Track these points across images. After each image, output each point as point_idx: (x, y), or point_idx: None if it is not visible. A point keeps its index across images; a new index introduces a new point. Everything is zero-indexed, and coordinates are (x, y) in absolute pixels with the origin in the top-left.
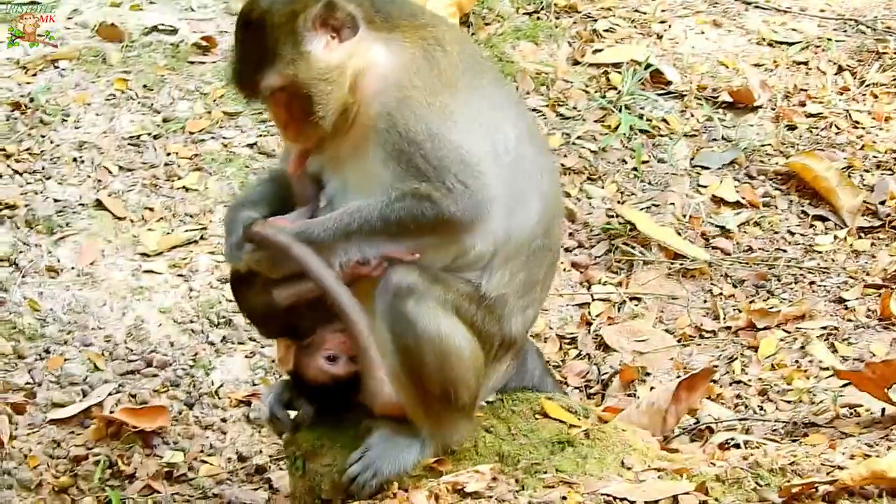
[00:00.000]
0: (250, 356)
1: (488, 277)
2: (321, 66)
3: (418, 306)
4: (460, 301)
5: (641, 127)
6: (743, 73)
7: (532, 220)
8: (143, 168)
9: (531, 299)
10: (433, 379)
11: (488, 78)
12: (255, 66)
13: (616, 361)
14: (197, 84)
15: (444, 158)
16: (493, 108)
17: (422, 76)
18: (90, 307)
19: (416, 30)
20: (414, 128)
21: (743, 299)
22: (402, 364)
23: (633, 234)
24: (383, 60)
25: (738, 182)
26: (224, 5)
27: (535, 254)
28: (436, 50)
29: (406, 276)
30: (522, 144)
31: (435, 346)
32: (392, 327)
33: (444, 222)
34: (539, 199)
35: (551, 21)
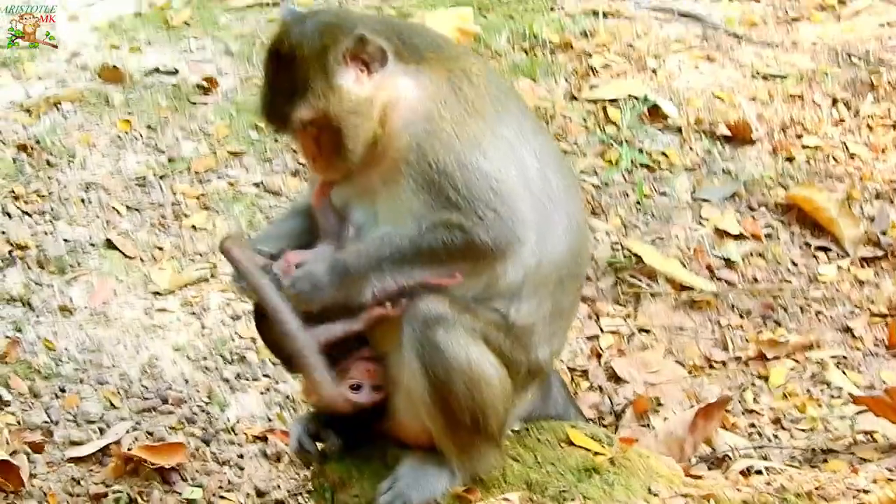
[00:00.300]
0: (265, 392)
1: (517, 306)
2: (352, 99)
3: (448, 335)
4: (489, 330)
5: (642, 161)
6: (739, 106)
7: (561, 247)
8: (151, 208)
9: (558, 328)
10: (463, 407)
11: (514, 107)
12: (286, 98)
13: (628, 392)
14: (200, 124)
15: (474, 188)
16: (520, 136)
17: (449, 107)
18: (104, 346)
19: (443, 62)
20: (444, 158)
21: (750, 329)
22: (431, 393)
23: (639, 267)
24: (412, 93)
25: (740, 214)
26: (223, 46)
27: (562, 282)
28: (462, 81)
29: (435, 305)
30: (549, 172)
31: (465, 374)
32: (421, 356)
33: (476, 250)
34: (567, 226)
35: (547, 58)
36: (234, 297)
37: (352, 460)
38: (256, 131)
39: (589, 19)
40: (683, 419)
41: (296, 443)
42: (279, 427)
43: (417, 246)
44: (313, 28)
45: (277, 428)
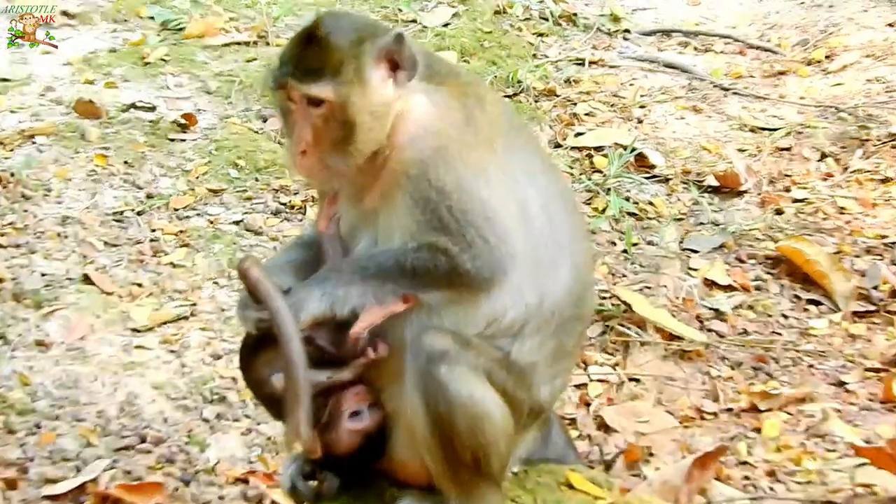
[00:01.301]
0: (246, 433)
1: (519, 345)
2: (375, 98)
3: (451, 371)
4: (492, 367)
5: (629, 209)
6: (726, 157)
7: (563, 287)
8: (129, 244)
9: (560, 369)
10: (465, 445)
11: (524, 143)
12: (313, 72)
13: (618, 441)
14: (178, 161)
15: (468, 213)
16: (527, 172)
17: (460, 131)
18: (81, 382)
19: (461, 87)
20: (443, 178)
21: (742, 381)
22: (433, 430)
23: (628, 315)
24: (425, 109)
25: (729, 265)
26: (201, 84)
27: (565, 323)
28: (476, 109)
29: (438, 340)
30: (554, 212)
31: (467, 411)
32: (424, 392)
33: (459, 277)
34: (571, 266)
35: (531, 104)
36: (215, 336)
37: (347, 499)
38: (236, 169)
39: (573, 67)
40: (679, 468)
41: (289, 483)
42: (260, 469)
43: (401, 265)
44: (353, 20)
45: (259, 470)
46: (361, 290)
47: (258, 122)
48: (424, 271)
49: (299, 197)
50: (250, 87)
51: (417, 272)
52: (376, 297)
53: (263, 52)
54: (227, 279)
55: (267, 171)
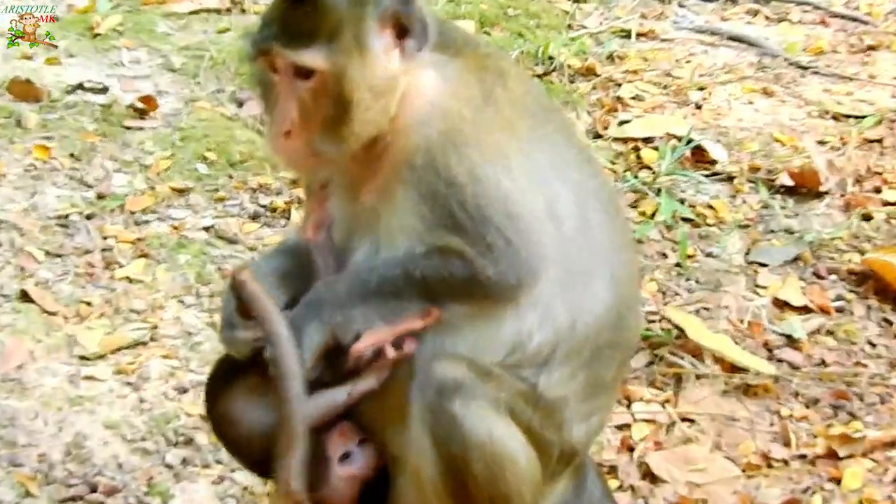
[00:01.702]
0: (218, 482)
1: (547, 375)
2: (377, 70)
3: (466, 405)
4: (515, 401)
5: (684, 214)
6: (804, 151)
7: (600, 306)
8: (76, 254)
9: (597, 405)
10: (483, 495)
11: (555, 128)
12: (304, 36)
13: (667, 494)
14: (136, 154)
15: (486, 208)
16: (556, 164)
17: (475, 110)
18: (18, 419)
19: (479, 59)
20: (455, 167)
21: (818, 422)
22: (444, 475)
23: (681, 342)
24: (434, 85)
25: (805, 282)
26: (162, 60)
27: (602, 350)
28: (496, 85)
29: (451, 369)
30: (591, 213)
31: (485, 453)
32: (434, 430)
33: (480, 286)
34: (609, 279)
35: (566, 85)
36: (181, 366)
37: None
38: (206, 164)
39: (617, 41)
40: None
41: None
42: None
43: (409, 276)
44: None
45: None
46: (364, 311)
47: (232, 106)
48: (437, 282)
49: (282, 198)
50: (222, 64)
51: (429, 283)
52: (384, 318)
53: (238, 21)
54: (194, 297)
55: (243, 165)
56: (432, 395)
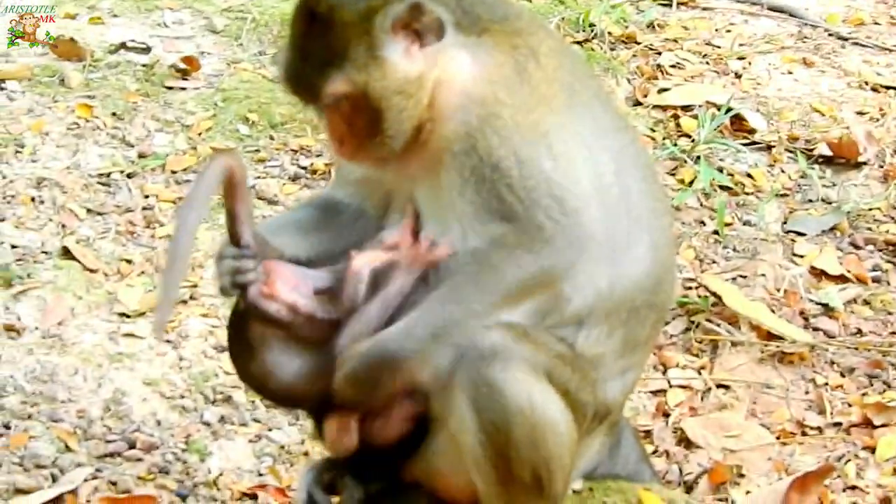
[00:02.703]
0: (255, 441)
1: (585, 334)
2: (398, 76)
3: (505, 370)
4: (554, 363)
5: (722, 182)
6: (843, 122)
7: (638, 270)
8: (117, 212)
9: (632, 362)
10: (524, 461)
11: (590, 98)
12: (319, 66)
13: (701, 459)
14: (177, 114)
15: (533, 190)
16: (596, 134)
17: (511, 91)
18: (59, 375)
19: (508, 36)
20: (497, 152)
21: (853, 391)
22: (485, 444)
23: (718, 310)
24: (467, 70)
25: (842, 252)
26: (205, 21)
27: (638, 311)
28: (529, 61)
29: (490, 334)
30: (630, 180)
31: (527, 419)
32: (474, 401)
33: (545, 273)
34: (648, 245)
35: (606, 53)
36: (220, 324)
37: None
38: (247, 125)
39: (657, 9)
40: (774, 492)
41: (305, 495)
42: (271, 483)
43: (484, 287)
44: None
45: (269, 484)
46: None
47: (274, 68)
48: (515, 283)
49: (322, 159)
50: (265, 26)
51: (508, 288)
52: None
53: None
54: None
55: (284, 127)
56: (472, 362)
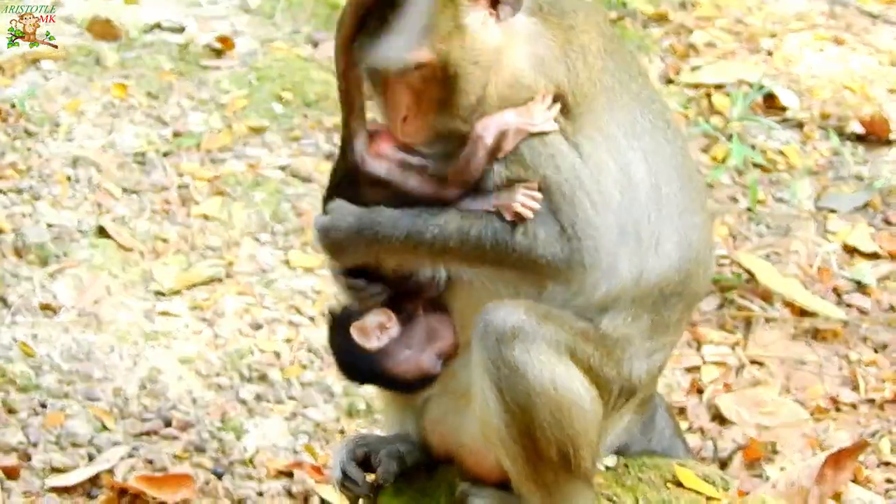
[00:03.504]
0: (290, 418)
1: (611, 317)
2: (477, 46)
3: (527, 351)
4: (576, 341)
5: (755, 160)
6: (874, 99)
7: (665, 264)
8: (153, 191)
9: (661, 343)
10: (549, 440)
11: (631, 100)
12: (399, 35)
13: (736, 436)
14: (212, 93)
15: (556, 192)
16: (631, 135)
17: (558, 87)
18: (95, 354)
19: (564, 31)
20: (530, 141)
21: (887, 367)
22: (509, 425)
23: (751, 286)
24: (525, 56)
25: (874, 228)
26: (239, 1)
27: (668, 297)
28: (578, 60)
29: (510, 314)
30: (661, 180)
31: (551, 399)
32: (497, 381)
33: (532, 262)
34: (677, 242)
35: (639, 31)
36: (255, 302)
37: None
38: (281, 104)
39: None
40: (809, 468)
41: (339, 472)
42: (307, 461)
43: (464, 232)
44: None
45: (305, 462)
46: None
47: (308, 46)
48: (491, 245)
49: None
50: (298, 6)
51: (482, 247)
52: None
53: None
54: (269, 234)
55: (318, 105)
56: (492, 342)
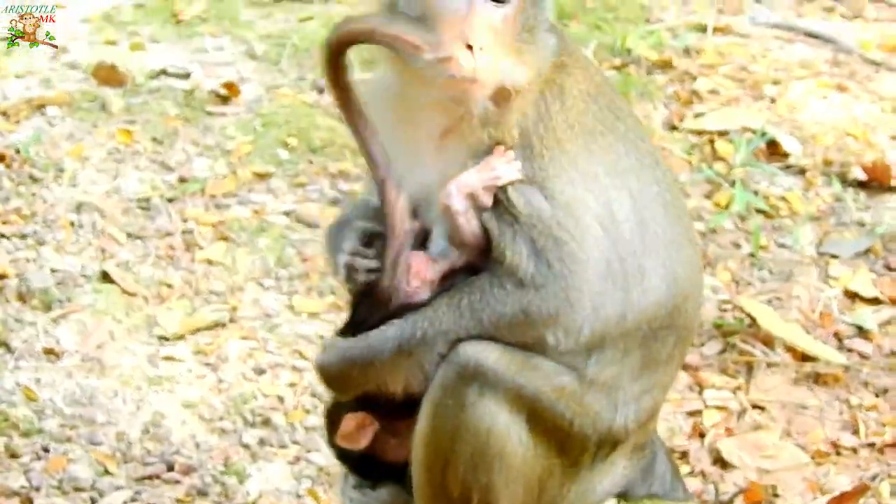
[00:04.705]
0: (294, 462)
1: (599, 356)
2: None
3: (480, 394)
4: (546, 399)
5: (758, 206)
6: (877, 146)
7: (653, 299)
8: (157, 236)
9: (650, 383)
10: (458, 479)
11: (615, 140)
12: None
13: (737, 479)
14: (217, 139)
15: (532, 229)
16: (613, 174)
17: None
18: (98, 398)
19: (550, 69)
20: (505, 191)
21: (887, 411)
22: (429, 447)
23: (753, 331)
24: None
25: (876, 274)
26: (245, 47)
27: (655, 333)
28: (554, 103)
29: (482, 353)
30: (648, 215)
31: (478, 442)
32: (439, 404)
33: (526, 316)
34: (663, 276)
35: (643, 78)
36: (258, 346)
37: None
38: (286, 150)
39: (693, 35)
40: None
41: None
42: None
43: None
44: None
45: None
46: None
47: (313, 93)
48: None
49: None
50: (304, 52)
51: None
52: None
53: (321, 10)
54: (273, 280)
55: (323, 151)
56: (453, 372)
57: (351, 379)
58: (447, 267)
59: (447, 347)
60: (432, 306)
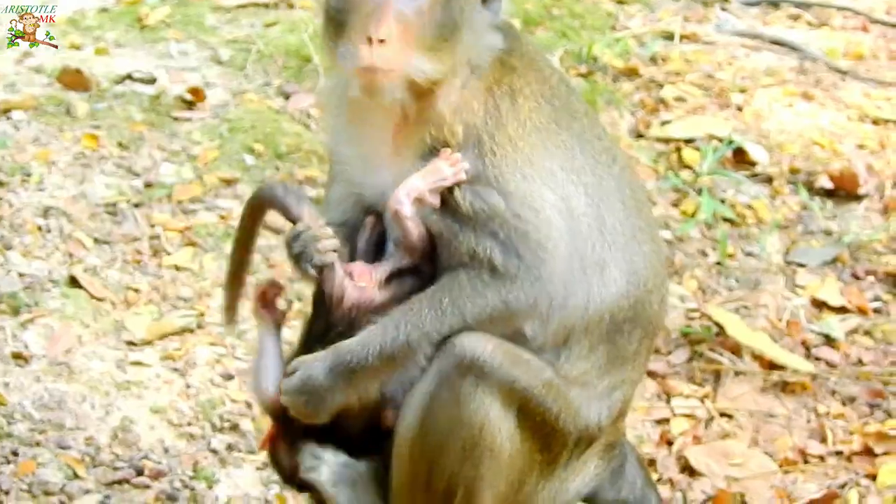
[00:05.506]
0: (262, 468)
1: (567, 351)
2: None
3: (476, 386)
4: (537, 393)
5: (725, 214)
6: (843, 155)
7: (613, 291)
8: (124, 241)
9: (619, 379)
10: (445, 472)
11: (570, 137)
12: None
13: (705, 487)
14: (183, 144)
15: (494, 225)
16: (570, 170)
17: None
18: (66, 403)
19: (499, 72)
20: (455, 192)
21: (854, 419)
22: (417, 439)
23: (720, 340)
24: (457, 86)
25: (843, 283)
26: (210, 52)
27: (620, 327)
28: (503, 102)
29: (478, 345)
30: (605, 210)
31: (471, 436)
32: (434, 396)
33: (506, 308)
34: (624, 269)
35: (609, 86)
36: (227, 353)
37: None
38: (252, 155)
39: (660, 42)
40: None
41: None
42: None
43: (436, 306)
44: None
45: None
46: (391, 366)
47: (279, 98)
48: (473, 313)
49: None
50: (269, 58)
51: (460, 313)
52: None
53: (286, 15)
54: None
55: (289, 157)
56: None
57: (333, 392)
58: (392, 267)
59: (431, 349)
60: (411, 309)
